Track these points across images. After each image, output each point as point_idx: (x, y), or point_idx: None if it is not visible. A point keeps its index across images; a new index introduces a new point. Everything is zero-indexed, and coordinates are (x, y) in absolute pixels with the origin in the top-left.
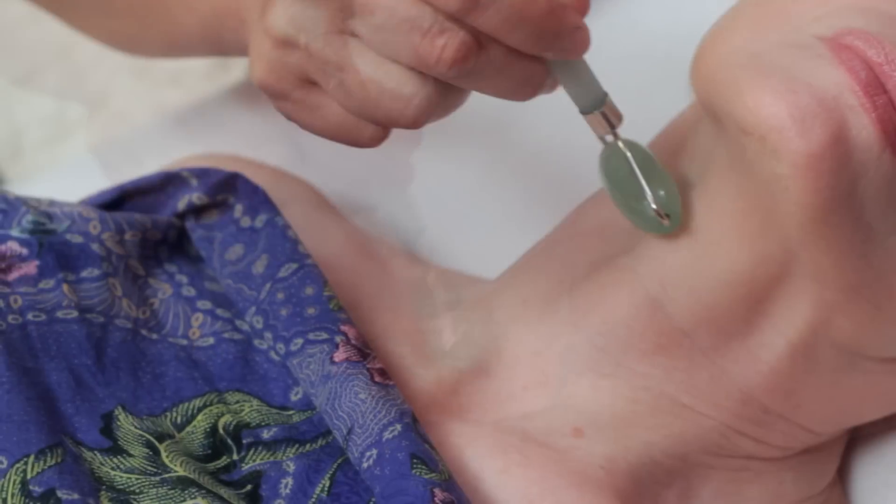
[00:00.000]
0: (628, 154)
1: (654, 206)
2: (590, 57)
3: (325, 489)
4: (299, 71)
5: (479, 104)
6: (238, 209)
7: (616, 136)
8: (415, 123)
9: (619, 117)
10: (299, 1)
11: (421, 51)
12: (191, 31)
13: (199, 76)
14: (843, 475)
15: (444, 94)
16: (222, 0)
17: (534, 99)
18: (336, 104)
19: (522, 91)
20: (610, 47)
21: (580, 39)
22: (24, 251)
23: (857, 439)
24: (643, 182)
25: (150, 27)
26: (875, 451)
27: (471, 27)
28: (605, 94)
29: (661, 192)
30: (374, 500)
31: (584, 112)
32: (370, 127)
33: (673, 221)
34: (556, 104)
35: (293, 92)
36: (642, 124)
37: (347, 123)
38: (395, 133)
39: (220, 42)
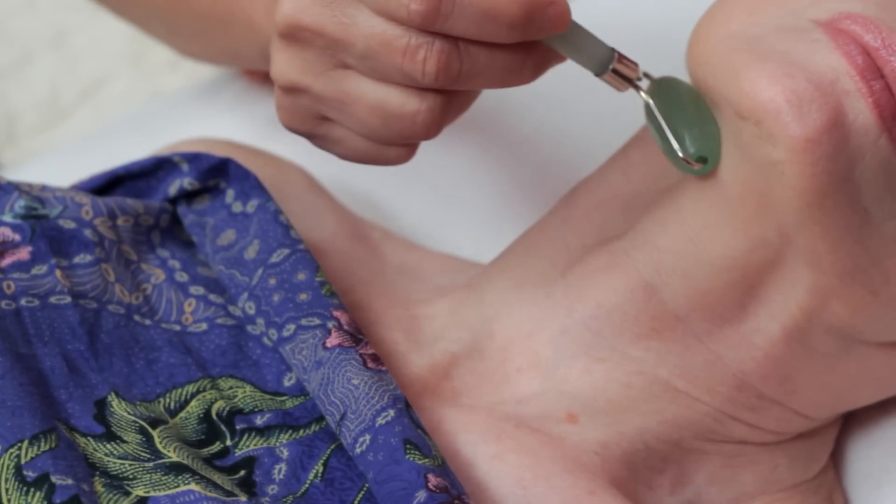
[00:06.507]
0: (650, 102)
1: (680, 155)
2: None
3: (319, 474)
4: (313, 111)
5: None
6: (230, 194)
7: (637, 88)
8: (428, 135)
9: (635, 68)
10: (289, 48)
11: (406, 68)
12: (252, 55)
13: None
14: (837, 459)
15: (447, 99)
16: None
17: (526, 83)
18: (355, 133)
19: (521, 77)
20: (604, 30)
21: (557, 13)
22: (17, 237)
23: (851, 424)
24: (667, 130)
25: (213, 49)
26: (869, 436)
27: (446, 34)
28: (613, 51)
29: (696, 134)
30: (367, 485)
31: (597, 74)
32: (392, 148)
33: (710, 162)
34: (548, 88)
35: (316, 130)
36: (636, 107)
37: (371, 149)
38: None
39: None
